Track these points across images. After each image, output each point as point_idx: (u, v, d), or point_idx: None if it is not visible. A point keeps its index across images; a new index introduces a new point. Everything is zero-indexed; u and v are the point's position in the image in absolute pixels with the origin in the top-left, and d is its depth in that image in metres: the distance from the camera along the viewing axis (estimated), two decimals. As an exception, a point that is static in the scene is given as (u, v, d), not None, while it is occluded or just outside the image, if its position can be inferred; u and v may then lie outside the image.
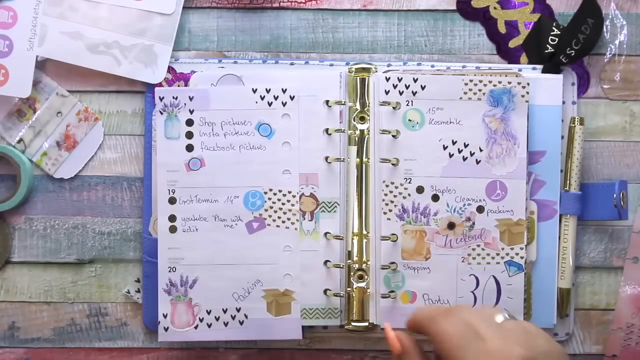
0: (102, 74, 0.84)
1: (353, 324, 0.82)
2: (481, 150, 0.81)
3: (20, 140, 0.85)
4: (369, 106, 0.82)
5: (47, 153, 0.85)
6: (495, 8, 0.85)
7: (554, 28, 0.83)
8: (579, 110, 0.84)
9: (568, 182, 0.83)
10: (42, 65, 0.85)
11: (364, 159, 0.82)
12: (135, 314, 0.85)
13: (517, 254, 0.81)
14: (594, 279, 0.85)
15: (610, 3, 0.85)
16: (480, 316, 0.64)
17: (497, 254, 0.81)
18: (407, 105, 0.81)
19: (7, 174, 0.85)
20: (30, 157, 0.85)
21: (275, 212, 0.81)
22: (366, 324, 0.82)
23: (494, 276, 0.81)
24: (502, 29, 0.85)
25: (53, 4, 0.83)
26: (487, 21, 0.85)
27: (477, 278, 0.81)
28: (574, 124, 0.83)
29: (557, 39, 0.83)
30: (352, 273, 0.82)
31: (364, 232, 0.82)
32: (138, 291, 0.85)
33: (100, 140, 0.85)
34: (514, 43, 0.85)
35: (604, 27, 0.84)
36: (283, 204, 0.81)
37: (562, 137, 0.83)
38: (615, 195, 0.82)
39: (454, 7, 0.85)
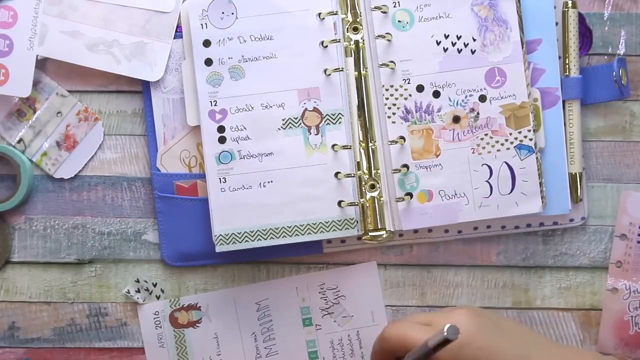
0: (102, 74, 0.84)
1: (370, 234, 0.81)
2: (474, 40, 0.81)
3: (20, 140, 0.85)
4: (360, 16, 0.82)
5: (47, 153, 0.85)
6: None
7: None
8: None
9: (567, 67, 0.83)
10: (42, 65, 0.84)
11: (362, 71, 0.82)
12: (135, 314, 0.85)
13: (525, 136, 0.81)
14: (594, 279, 0.85)
15: (610, 3, 0.85)
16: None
17: (506, 140, 0.81)
18: (394, 7, 0.81)
19: (7, 174, 0.85)
20: (30, 157, 0.85)
21: None
22: (383, 232, 0.81)
23: (506, 162, 0.81)
24: None
25: (53, 3, 0.83)
26: None
27: (489, 167, 0.81)
28: (567, 8, 0.83)
29: None
30: (363, 183, 0.81)
31: (371, 141, 0.81)
32: (138, 291, 0.85)
33: (100, 140, 0.85)
34: None
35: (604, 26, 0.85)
36: None
37: (557, 23, 0.83)
38: (614, 73, 0.82)
39: None
